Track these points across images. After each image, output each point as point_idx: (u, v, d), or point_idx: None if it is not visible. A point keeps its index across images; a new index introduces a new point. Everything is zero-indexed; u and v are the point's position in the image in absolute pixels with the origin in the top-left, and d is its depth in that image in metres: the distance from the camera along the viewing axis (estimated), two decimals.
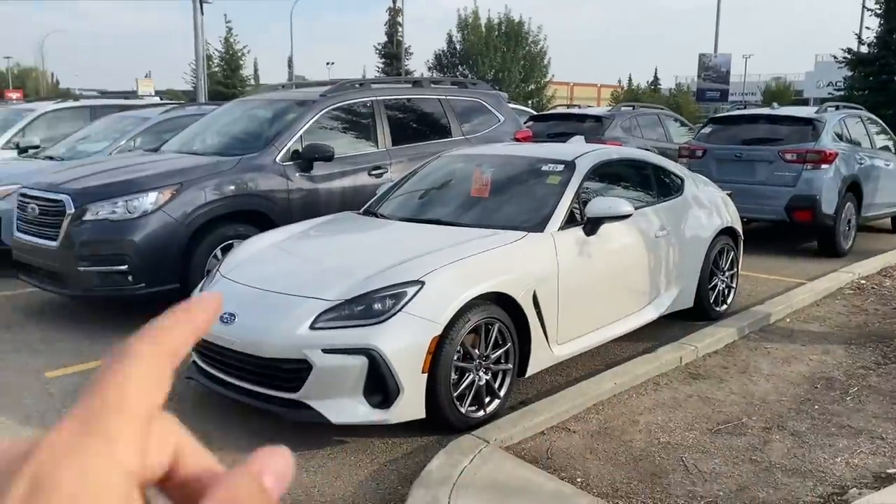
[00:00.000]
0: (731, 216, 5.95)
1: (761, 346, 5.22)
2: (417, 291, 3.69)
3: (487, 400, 3.97)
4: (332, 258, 4.35)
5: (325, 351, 3.56)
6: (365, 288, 3.74)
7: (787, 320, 5.85)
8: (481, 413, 3.92)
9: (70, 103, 10.65)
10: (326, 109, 6.69)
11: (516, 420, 3.83)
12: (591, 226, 4.57)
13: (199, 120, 7.65)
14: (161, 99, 13.95)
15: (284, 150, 6.25)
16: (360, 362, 3.55)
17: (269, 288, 3.97)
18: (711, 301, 5.72)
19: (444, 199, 5.16)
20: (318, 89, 7.12)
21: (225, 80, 43.19)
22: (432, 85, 7.96)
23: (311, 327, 3.63)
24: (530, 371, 4.23)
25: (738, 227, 6.05)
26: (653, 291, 5.15)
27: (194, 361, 4.23)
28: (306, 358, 3.57)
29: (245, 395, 3.85)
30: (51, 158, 8.32)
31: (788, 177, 8.30)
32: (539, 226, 4.43)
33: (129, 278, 5.49)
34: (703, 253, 5.57)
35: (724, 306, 5.89)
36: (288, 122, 6.48)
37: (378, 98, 7.10)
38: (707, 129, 9.35)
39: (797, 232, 9.14)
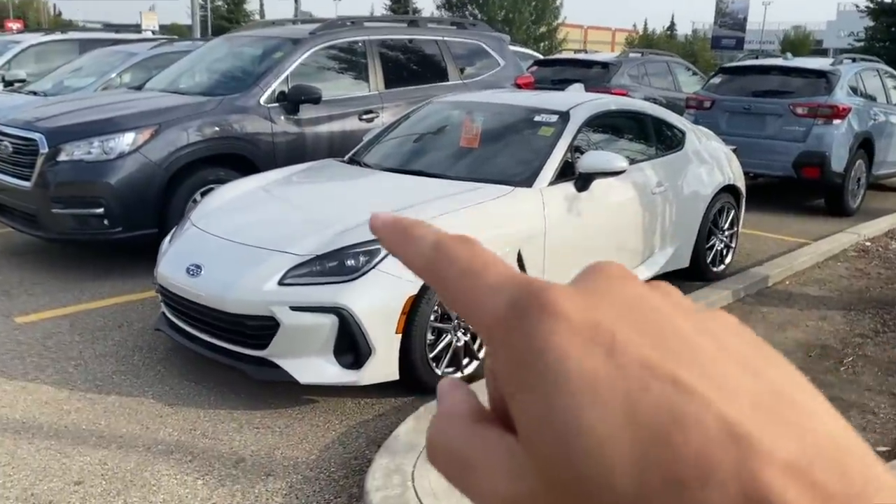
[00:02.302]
0: (733, 173, 5.69)
1: (757, 310, 5.04)
2: None
3: (466, 361, 3.81)
4: (306, 209, 4.14)
5: (294, 308, 3.39)
6: (338, 243, 3.54)
7: (787, 283, 5.65)
8: (458, 375, 3.76)
9: (58, 36, 10.32)
10: (315, 49, 6.40)
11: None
12: (583, 181, 4.33)
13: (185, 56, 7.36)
14: (153, 33, 13.53)
15: (269, 91, 5.99)
16: (330, 321, 3.38)
17: (239, 239, 3.78)
18: (708, 261, 5.51)
19: (432, 149, 4.92)
20: (308, 27, 6.81)
21: (228, 14, 42.32)
22: (430, 25, 7.63)
23: (280, 283, 3.46)
24: None
25: (741, 185, 5.80)
26: (646, 250, 4.94)
27: (163, 313, 4.08)
28: (273, 315, 3.40)
29: (211, 350, 3.69)
30: (34, 93, 8.06)
31: (798, 132, 7.99)
32: (528, 181, 4.20)
33: (105, 222, 5.31)
34: (701, 211, 5.34)
35: (722, 266, 5.69)
36: (274, 62, 6.20)
37: (371, 38, 6.78)
38: (716, 80, 8.99)
39: (805, 189, 8.87)
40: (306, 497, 2.93)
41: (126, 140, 5.32)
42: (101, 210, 5.27)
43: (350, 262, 3.48)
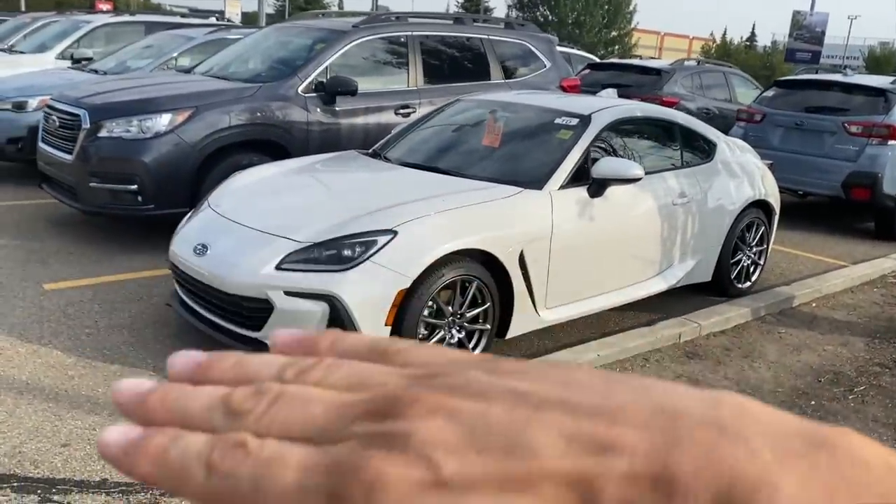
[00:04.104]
0: (766, 188, 5.53)
1: (775, 331, 4.90)
2: (389, 241, 3.53)
3: None
4: (316, 198, 4.21)
5: (288, 293, 3.47)
6: (337, 232, 3.60)
7: (813, 305, 5.48)
8: None
9: (126, 17, 10.70)
10: (357, 42, 6.48)
11: None
12: (597, 187, 4.29)
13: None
14: (226, 20, 13.88)
15: (308, 80, 6.10)
16: (322, 308, 3.44)
17: (246, 223, 3.87)
18: (732, 277, 5.38)
19: (452, 147, 4.94)
20: (353, 20, 6.90)
21: (306, 4, 43.05)
22: (475, 23, 7.64)
23: (277, 267, 3.54)
24: (511, 333, 4.06)
25: (774, 201, 5.63)
26: (664, 262, 4.85)
27: (176, 289, 4.21)
28: (268, 298, 3.48)
29: (211, 327, 3.81)
30: (95, 71, 8.39)
31: (850, 151, 7.71)
32: (538, 183, 4.18)
33: (139, 198, 5.50)
34: (727, 225, 5.21)
35: (748, 283, 5.54)
36: (315, 53, 6.31)
37: (414, 33, 6.84)
38: (770, 93, 8.75)
39: (856, 211, 8.55)
40: None
41: (163, 120, 5.50)
42: (134, 187, 5.47)
43: (347, 252, 3.54)
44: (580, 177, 4.32)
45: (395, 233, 3.56)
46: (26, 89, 7.61)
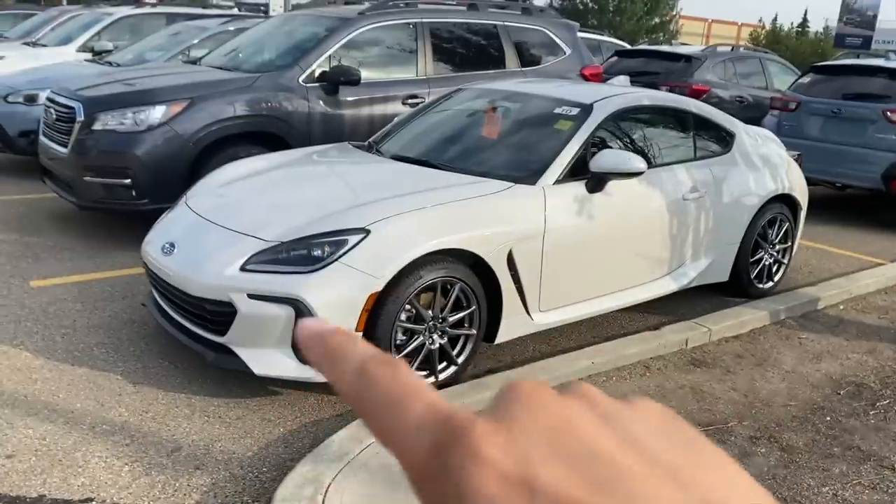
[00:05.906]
0: (790, 182, 5.14)
1: (795, 336, 4.53)
2: (360, 241, 3.29)
3: (443, 366, 3.58)
4: (294, 194, 3.97)
5: (251, 296, 3.25)
6: (306, 231, 3.38)
7: (841, 307, 5.08)
8: (431, 380, 3.53)
9: (147, 10, 10.64)
10: (363, 30, 6.24)
11: (462, 392, 3.43)
12: (596, 182, 3.98)
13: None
14: (271, 12, 13.77)
15: (309, 70, 5.88)
16: (287, 313, 3.22)
17: (216, 220, 3.67)
18: (753, 277, 5.02)
19: (448, 139, 4.66)
20: (360, 7, 6.67)
21: None
22: (490, 10, 7.33)
23: (242, 268, 3.32)
24: (501, 338, 3.79)
25: (799, 195, 5.23)
26: (674, 261, 4.52)
27: (151, 289, 4.04)
28: (231, 301, 3.27)
29: (178, 329, 3.62)
30: (109, 64, 8.31)
31: (892, 140, 7.21)
32: (531, 178, 3.89)
33: (133, 193, 5.36)
34: (746, 221, 4.85)
35: (770, 283, 5.17)
36: (317, 42, 6.09)
37: (423, 20, 6.57)
38: (806, 79, 8.25)
39: None
40: (224, 496, 2.79)
41: (157, 113, 5.34)
42: (128, 181, 5.32)
43: (316, 252, 3.31)
44: (581, 171, 4.02)
45: (368, 231, 3.32)
46: (39, 82, 7.55)
